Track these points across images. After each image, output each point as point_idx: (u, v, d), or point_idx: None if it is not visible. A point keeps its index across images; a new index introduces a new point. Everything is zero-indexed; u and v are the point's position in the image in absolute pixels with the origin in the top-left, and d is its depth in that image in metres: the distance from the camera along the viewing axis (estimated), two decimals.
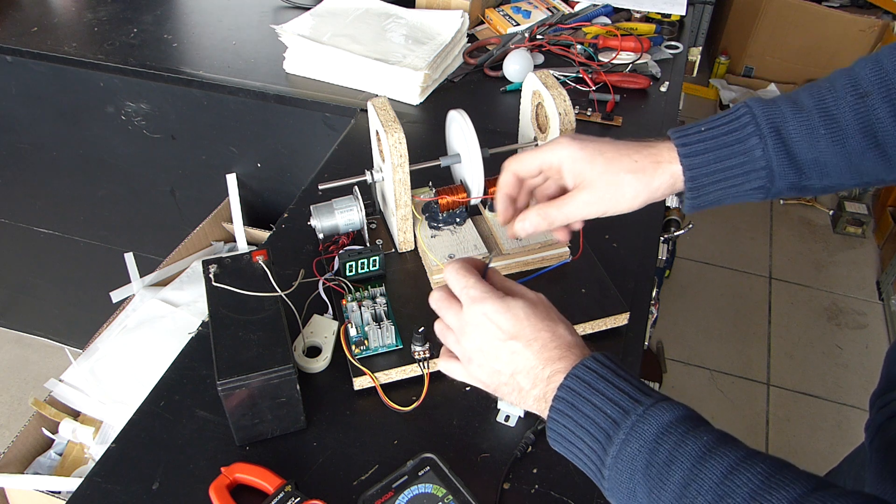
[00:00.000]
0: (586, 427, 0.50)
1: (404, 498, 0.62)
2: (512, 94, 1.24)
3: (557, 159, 0.63)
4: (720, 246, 2.62)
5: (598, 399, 0.50)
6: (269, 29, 1.38)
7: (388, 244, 0.86)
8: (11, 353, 2.15)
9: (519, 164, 0.65)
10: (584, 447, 0.50)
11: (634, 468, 0.47)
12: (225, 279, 0.71)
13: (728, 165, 0.61)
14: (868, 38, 2.92)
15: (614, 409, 0.49)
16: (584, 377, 0.51)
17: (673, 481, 0.45)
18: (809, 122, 0.60)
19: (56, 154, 1.50)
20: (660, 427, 0.47)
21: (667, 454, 0.46)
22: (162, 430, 0.70)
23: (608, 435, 0.49)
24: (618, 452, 0.48)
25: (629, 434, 0.48)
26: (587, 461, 0.51)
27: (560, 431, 0.52)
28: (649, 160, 0.62)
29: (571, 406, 0.51)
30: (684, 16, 1.47)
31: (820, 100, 0.60)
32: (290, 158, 1.32)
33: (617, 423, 0.48)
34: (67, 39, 1.36)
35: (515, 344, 0.55)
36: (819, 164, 0.61)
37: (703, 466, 0.45)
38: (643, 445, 0.47)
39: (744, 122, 0.61)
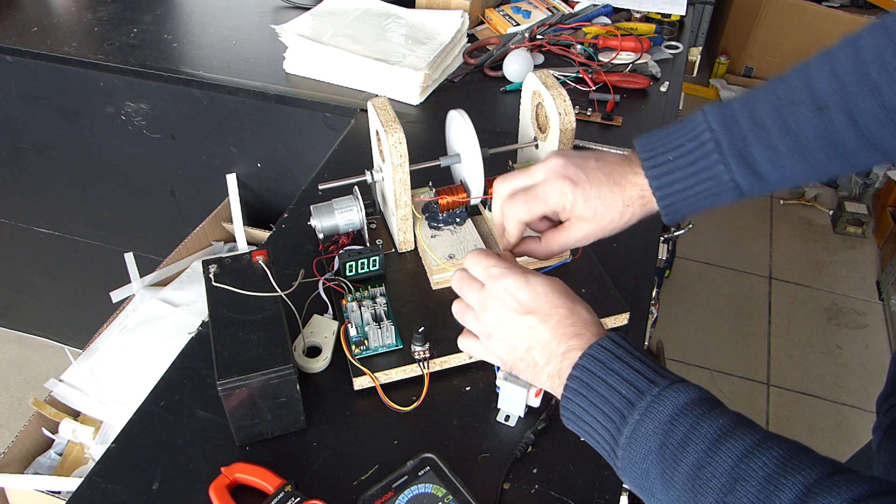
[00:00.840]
0: (601, 406, 0.50)
1: (404, 498, 0.62)
2: (512, 94, 1.24)
3: (561, 207, 0.65)
4: (720, 246, 2.62)
5: (613, 379, 0.50)
6: (269, 29, 1.38)
7: (388, 244, 0.86)
8: (11, 353, 2.15)
9: (527, 213, 0.67)
10: (598, 426, 0.50)
11: (648, 448, 0.47)
12: (225, 279, 0.71)
13: (698, 191, 0.63)
14: None
15: (629, 390, 0.49)
16: (599, 356, 0.51)
17: (687, 463, 0.45)
18: (771, 142, 0.61)
19: (56, 154, 1.50)
20: (675, 408, 0.47)
21: (682, 436, 0.46)
22: (162, 430, 0.70)
23: (623, 415, 0.49)
24: (632, 432, 0.48)
25: (644, 414, 0.48)
26: (601, 440, 0.51)
27: (574, 410, 0.52)
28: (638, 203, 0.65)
29: (586, 385, 0.51)
30: (684, 16, 1.47)
31: (779, 116, 0.61)
32: (290, 158, 1.32)
33: (632, 403, 0.49)
34: (67, 39, 1.36)
35: (531, 318, 0.56)
36: (784, 178, 0.63)
37: (718, 449, 0.45)
38: (658, 426, 0.47)
39: (708, 148, 0.62)
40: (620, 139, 1.12)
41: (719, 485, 0.44)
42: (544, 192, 0.65)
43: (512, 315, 0.57)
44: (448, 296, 0.80)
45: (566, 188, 0.64)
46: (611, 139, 1.12)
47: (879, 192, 2.74)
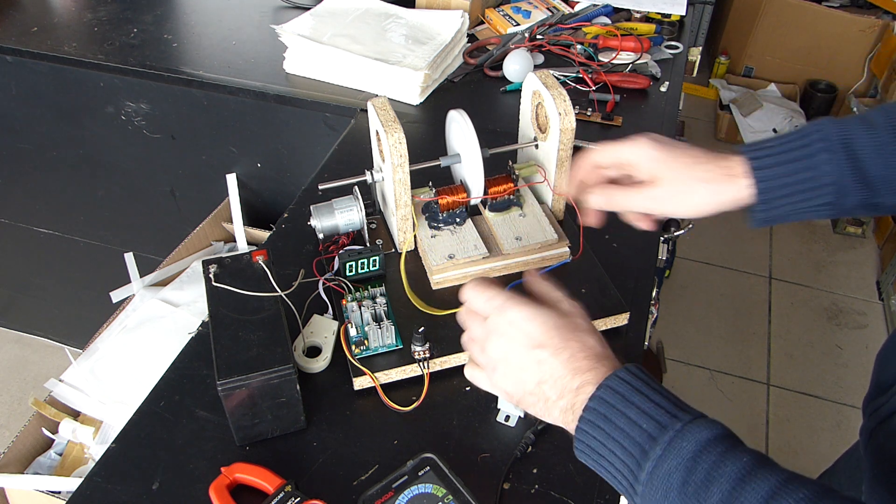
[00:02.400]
0: (619, 440, 0.48)
1: (404, 498, 0.62)
2: (512, 94, 1.24)
3: (636, 156, 0.65)
4: (720, 246, 2.62)
5: (632, 412, 0.49)
6: (269, 29, 1.38)
7: (388, 244, 0.86)
8: (11, 353, 2.15)
9: (601, 155, 0.67)
10: (616, 460, 0.49)
11: (670, 485, 0.46)
12: (225, 279, 0.71)
13: (797, 179, 0.61)
14: (868, 38, 2.92)
15: (650, 424, 0.48)
16: (617, 388, 0.50)
17: (711, 501, 0.44)
18: (880, 138, 0.60)
19: (56, 154, 1.50)
20: (698, 444, 0.46)
21: (705, 473, 0.45)
22: (162, 430, 0.70)
23: (643, 449, 0.47)
24: (654, 468, 0.47)
25: (666, 450, 0.46)
26: (618, 475, 0.49)
27: (590, 444, 0.50)
28: (723, 172, 0.63)
29: (604, 417, 0.49)
30: (684, 16, 1.47)
31: (889, 117, 0.61)
32: (290, 158, 1.32)
33: (654, 437, 0.47)
34: (67, 39, 1.36)
35: (542, 352, 0.54)
36: (890, 181, 0.61)
37: (742, 488, 0.44)
38: (680, 463, 0.46)
39: (814, 137, 0.61)
40: (620, 139, 1.11)
41: None
42: (622, 144, 0.66)
43: (519, 349, 0.54)
44: (448, 296, 0.80)
45: (644, 140, 0.65)
46: (611, 139, 1.11)
47: None
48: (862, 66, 2.99)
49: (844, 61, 3.01)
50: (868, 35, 2.92)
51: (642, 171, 0.65)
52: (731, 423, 0.49)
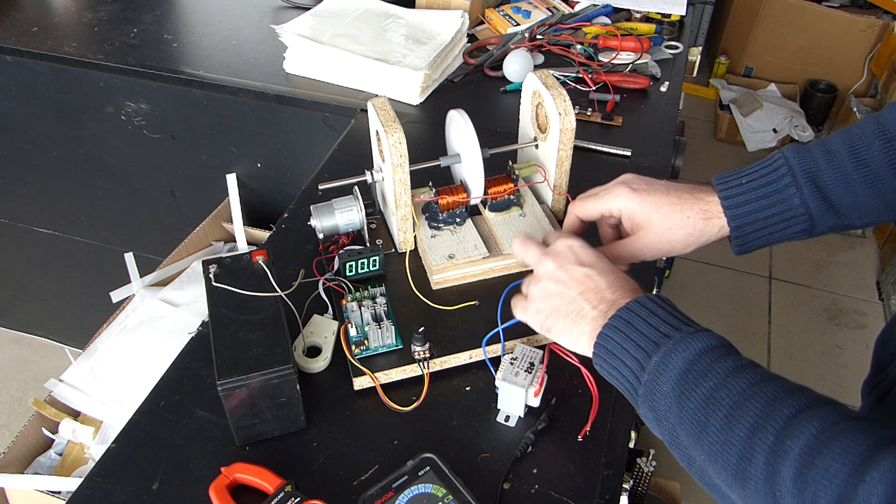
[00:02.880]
0: (637, 341, 0.55)
1: (404, 498, 0.62)
2: (512, 94, 1.24)
3: (616, 208, 0.69)
4: (720, 246, 2.61)
5: (654, 320, 0.55)
6: (269, 29, 1.38)
7: (388, 244, 0.86)
8: (11, 353, 2.15)
9: (582, 211, 0.72)
10: (627, 357, 0.55)
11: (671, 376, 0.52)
12: (225, 279, 0.71)
13: (769, 214, 0.66)
14: (868, 38, 2.92)
15: (667, 328, 0.54)
16: (646, 304, 0.57)
17: (704, 387, 0.51)
18: (843, 168, 0.64)
19: (56, 154, 1.50)
20: (704, 345, 0.52)
21: (705, 366, 0.51)
22: (162, 430, 0.70)
23: (657, 344, 0.54)
24: (660, 360, 0.53)
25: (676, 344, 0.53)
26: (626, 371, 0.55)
27: (607, 345, 0.57)
28: (700, 217, 0.67)
29: (627, 323, 0.56)
30: (684, 16, 1.47)
31: (851, 146, 0.64)
32: (290, 158, 1.32)
33: (668, 335, 0.54)
34: (67, 39, 1.36)
35: (590, 270, 0.61)
36: (856, 206, 0.64)
37: (734, 376, 0.50)
38: (685, 358, 0.52)
39: (781, 172, 0.65)
40: (620, 139, 1.12)
41: (730, 402, 0.49)
42: (604, 194, 0.70)
43: (571, 265, 0.61)
44: (448, 296, 0.80)
45: (623, 192, 0.68)
46: (611, 139, 1.12)
47: None
48: (862, 66, 2.99)
49: (844, 61, 3.01)
50: (868, 35, 2.92)
51: (625, 223, 0.70)
52: None
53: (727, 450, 0.48)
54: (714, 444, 0.49)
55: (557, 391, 0.73)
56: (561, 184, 0.85)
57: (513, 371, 0.69)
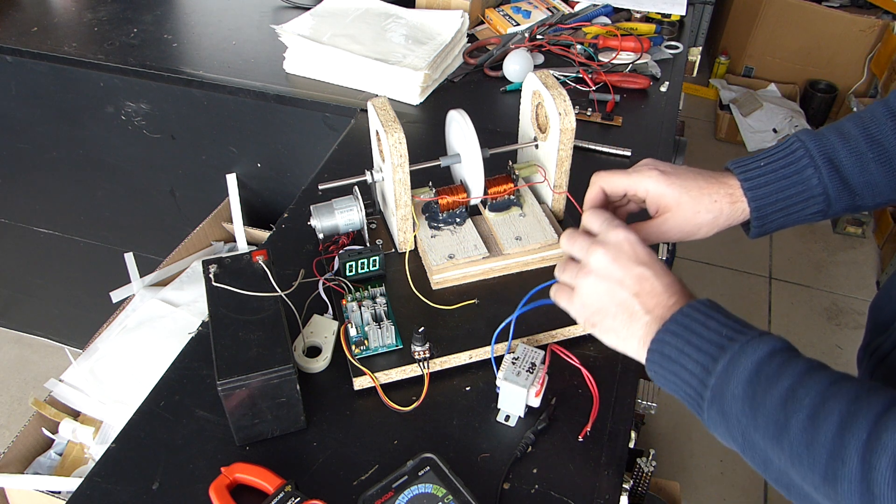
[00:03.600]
0: (699, 345, 0.54)
1: (404, 498, 0.62)
2: (512, 94, 1.24)
3: (644, 189, 0.69)
4: (720, 246, 2.62)
5: (713, 324, 0.54)
6: (269, 29, 1.38)
7: (388, 244, 0.86)
8: (11, 353, 2.15)
9: (608, 183, 0.70)
10: (690, 363, 0.54)
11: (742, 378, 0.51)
12: (225, 279, 0.71)
13: (789, 195, 0.67)
14: (868, 38, 2.92)
15: (729, 331, 0.53)
16: (700, 308, 0.56)
17: (780, 386, 0.49)
18: (857, 148, 0.66)
19: (56, 154, 1.50)
20: (772, 348, 0.51)
21: (777, 366, 0.51)
22: (162, 430, 0.70)
23: (722, 347, 0.53)
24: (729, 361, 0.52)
25: (743, 347, 0.52)
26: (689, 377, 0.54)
27: (663, 351, 0.55)
28: (727, 200, 0.68)
29: (686, 329, 0.55)
30: (684, 16, 1.47)
31: (864, 128, 0.67)
32: (290, 158, 1.32)
33: (733, 339, 0.53)
34: (67, 39, 1.36)
35: (646, 270, 0.59)
36: (870, 185, 0.67)
37: (809, 377, 0.49)
38: (754, 360, 0.51)
39: (798, 154, 0.67)
40: (620, 139, 1.12)
41: (811, 402, 0.48)
42: (633, 173, 0.69)
43: (626, 261, 0.59)
44: (448, 296, 0.80)
45: (653, 174, 0.68)
46: (611, 139, 1.12)
47: None
48: (862, 66, 2.99)
49: (844, 61, 3.01)
50: (868, 35, 2.92)
51: (650, 203, 0.70)
52: None
53: (814, 451, 0.47)
54: (797, 445, 0.48)
55: (558, 391, 0.73)
56: (561, 184, 0.85)
57: (514, 371, 0.69)
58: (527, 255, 0.82)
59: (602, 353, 0.77)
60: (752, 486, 1.85)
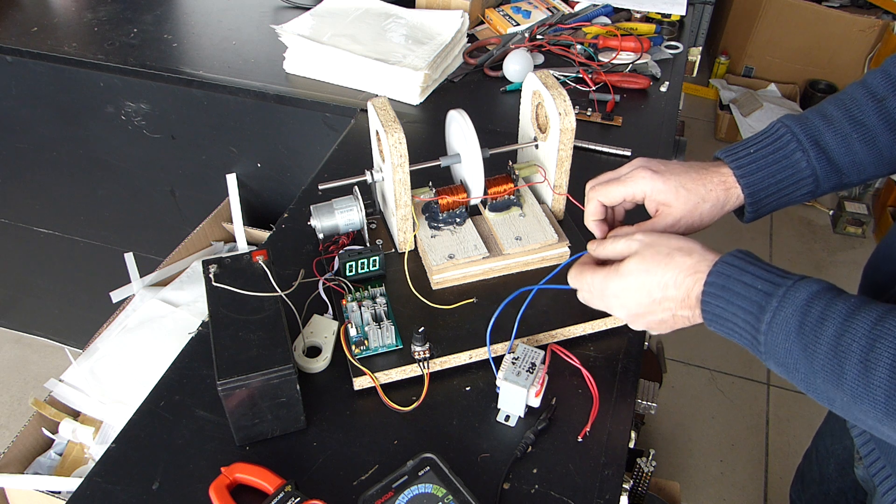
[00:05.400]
0: (739, 303, 0.56)
1: (404, 498, 0.62)
2: (512, 94, 1.24)
3: (641, 192, 0.70)
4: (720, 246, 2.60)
5: (748, 278, 0.57)
6: (269, 29, 1.38)
7: (388, 244, 0.86)
8: (11, 353, 2.15)
9: (606, 196, 0.72)
10: (739, 320, 0.57)
11: (788, 330, 0.53)
12: (225, 279, 0.71)
13: (779, 179, 0.69)
14: (868, 38, 2.92)
15: (765, 284, 0.56)
16: (732, 263, 0.58)
17: (827, 335, 0.52)
18: (842, 129, 0.69)
19: (56, 154, 1.50)
20: (808, 294, 0.53)
21: (818, 315, 0.53)
22: (162, 430, 0.70)
23: (761, 305, 0.55)
24: (772, 319, 0.54)
25: (781, 301, 0.54)
26: (743, 332, 0.57)
27: (714, 311, 0.58)
28: (721, 188, 0.70)
29: (724, 287, 0.57)
30: (684, 16, 1.47)
31: (846, 110, 0.69)
32: (290, 158, 1.32)
33: (769, 294, 0.55)
34: (67, 39, 1.36)
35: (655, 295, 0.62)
36: (856, 164, 0.69)
37: (853, 319, 0.51)
38: (795, 310, 0.53)
39: (786, 139, 0.69)
40: (620, 139, 1.12)
41: (860, 347, 0.50)
42: (626, 179, 0.70)
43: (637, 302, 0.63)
44: (448, 296, 0.80)
45: (646, 175, 0.69)
46: (611, 139, 1.12)
47: (879, 193, 2.74)
48: (862, 66, 2.99)
49: (844, 61, 3.01)
50: (868, 35, 2.92)
51: (649, 203, 0.71)
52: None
53: (872, 392, 0.50)
54: (856, 388, 0.51)
55: (558, 391, 0.73)
56: (561, 184, 0.85)
57: (514, 371, 0.69)
58: (527, 255, 0.82)
59: (602, 353, 0.77)
60: (752, 486, 1.85)
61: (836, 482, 0.92)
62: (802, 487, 1.04)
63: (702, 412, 2.01)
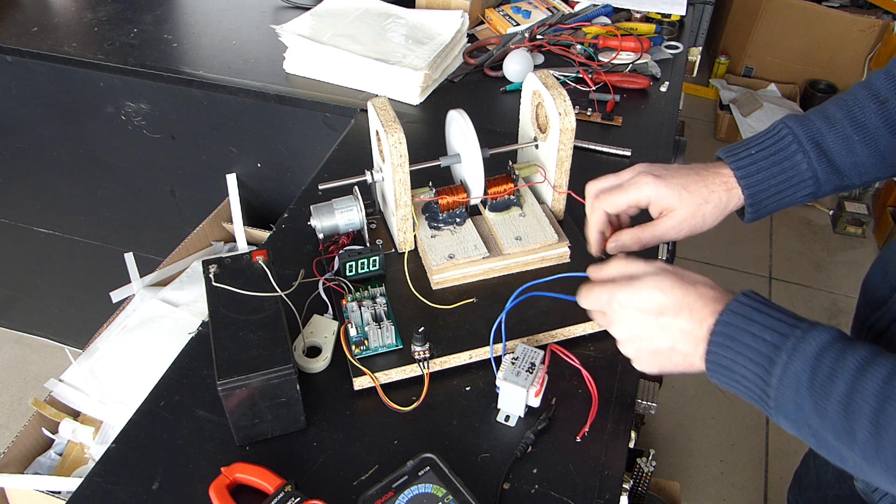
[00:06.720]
0: (747, 354, 0.54)
1: (404, 498, 0.62)
2: (512, 94, 1.24)
3: (645, 198, 0.70)
4: (720, 246, 2.62)
5: (755, 328, 0.54)
6: (269, 29, 1.38)
7: (388, 244, 0.86)
8: (11, 353, 2.15)
9: (610, 205, 0.72)
10: (748, 373, 0.54)
11: (799, 384, 0.51)
12: (225, 279, 0.71)
13: (780, 180, 0.69)
14: (868, 38, 2.92)
15: (773, 336, 0.53)
16: (738, 311, 0.56)
17: (837, 392, 0.50)
18: (843, 131, 0.68)
19: (56, 154, 1.50)
20: (819, 346, 0.51)
21: (828, 369, 0.50)
22: (162, 430, 0.70)
23: (770, 358, 0.53)
24: (782, 373, 0.52)
25: (791, 355, 0.52)
26: (751, 386, 0.55)
27: (720, 362, 0.56)
28: (723, 189, 0.69)
29: (730, 338, 0.55)
30: (684, 16, 1.47)
31: (848, 111, 0.69)
32: (290, 158, 1.32)
33: (778, 346, 0.53)
34: (67, 39, 1.36)
35: (663, 319, 0.59)
36: (857, 166, 0.69)
37: (863, 376, 0.49)
38: (806, 363, 0.51)
39: (787, 140, 0.69)
40: (620, 139, 1.12)
41: (870, 408, 0.48)
42: (629, 185, 0.70)
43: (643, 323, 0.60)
44: (448, 296, 0.80)
45: (650, 180, 0.69)
46: (611, 139, 1.12)
47: (879, 193, 2.74)
48: (862, 66, 2.99)
49: (844, 61, 3.01)
50: (868, 35, 2.92)
51: (653, 208, 0.71)
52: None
53: (883, 454, 0.48)
54: (867, 449, 0.49)
55: (558, 391, 0.73)
56: (561, 184, 0.85)
57: (514, 371, 0.69)
58: (527, 255, 0.82)
59: (602, 353, 0.77)
60: (751, 486, 1.85)
61: (834, 489, 0.92)
62: (799, 491, 1.04)
63: (702, 412, 2.01)
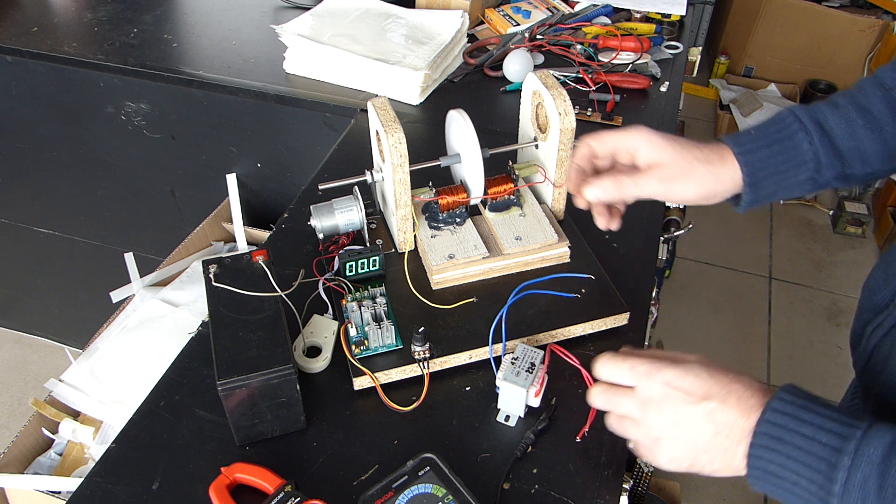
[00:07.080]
0: (801, 459, 0.49)
1: (404, 498, 0.62)
2: (512, 94, 1.24)
3: (635, 142, 0.69)
4: (720, 246, 2.62)
5: (807, 429, 0.50)
6: (269, 29, 1.38)
7: (388, 244, 0.86)
8: (11, 353, 2.15)
9: (599, 141, 0.71)
10: (801, 480, 0.50)
11: (867, 492, 0.47)
12: (225, 279, 0.71)
13: (780, 160, 0.68)
14: (868, 38, 2.92)
15: (830, 437, 0.49)
16: (784, 410, 0.51)
17: None
18: (847, 115, 0.68)
19: (56, 154, 1.50)
20: (884, 450, 0.47)
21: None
22: (162, 430, 0.70)
23: (830, 463, 0.48)
24: (846, 479, 0.48)
25: (855, 459, 0.48)
26: (806, 494, 0.50)
27: (766, 468, 0.51)
28: (716, 154, 0.68)
29: (778, 440, 0.50)
30: (684, 16, 1.47)
31: (852, 98, 0.69)
32: (290, 158, 1.32)
33: (838, 449, 0.48)
34: (67, 39, 1.36)
35: (709, 404, 0.54)
36: (860, 152, 0.68)
37: None
38: (872, 469, 0.47)
39: (789, 121, 0.69)
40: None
41: None
42: (622, 131, 0.69)
43: (685, 407, 0.54)
44: (448, 296, 0.80)
45: (643, 129, 0.68)
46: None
47: (879, 192, 2.74)
48: (862, 66, 2.99)
49: (844, 61, 3.01)
50: (868, 35, 2.92)
51: (641, 156, 0.69)
52: None
53: None
54: None
55: (558, 391, 0.73)
56: (561, 183, 0.85)
57: (514, 371, 0.69)
58: (527, 255, 0.82)
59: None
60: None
61: None
62: None
63: None
